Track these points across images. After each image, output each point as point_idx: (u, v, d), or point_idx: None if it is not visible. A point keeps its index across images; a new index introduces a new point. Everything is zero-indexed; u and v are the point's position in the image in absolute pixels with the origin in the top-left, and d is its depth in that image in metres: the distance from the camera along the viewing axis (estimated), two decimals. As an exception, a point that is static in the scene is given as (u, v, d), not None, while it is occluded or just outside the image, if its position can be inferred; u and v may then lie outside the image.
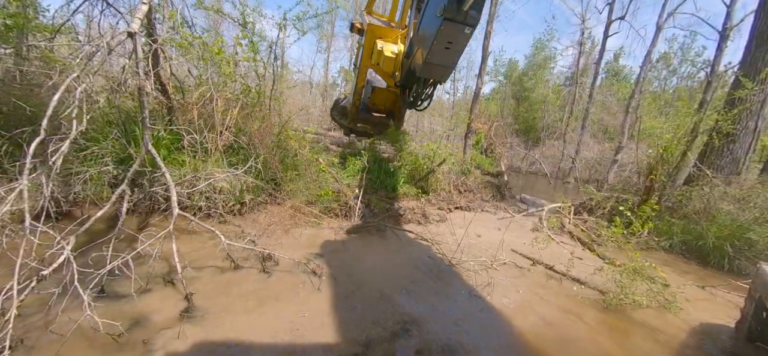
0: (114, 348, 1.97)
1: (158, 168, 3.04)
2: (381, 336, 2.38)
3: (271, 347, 2.14)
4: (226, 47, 5.74)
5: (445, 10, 3.82)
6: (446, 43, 4.22)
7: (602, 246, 5.02)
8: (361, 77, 6.96)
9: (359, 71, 7.00)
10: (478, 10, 3.93)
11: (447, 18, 3.87)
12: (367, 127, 7.36)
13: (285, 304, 2.61)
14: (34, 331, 2.02)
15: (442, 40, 4.17)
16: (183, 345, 2.05)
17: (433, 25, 4.15)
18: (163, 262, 2.98)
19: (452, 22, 3.91)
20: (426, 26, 4.52)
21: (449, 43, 4.24)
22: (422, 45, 4.62)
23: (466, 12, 3.85)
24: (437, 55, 4.42)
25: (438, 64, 4.60)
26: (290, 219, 4.49)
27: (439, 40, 4.15)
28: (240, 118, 4.96)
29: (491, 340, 2.49)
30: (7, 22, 4.46)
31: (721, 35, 12.27)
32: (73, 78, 2.17)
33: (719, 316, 3.30)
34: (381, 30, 6.56)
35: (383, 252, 3.96)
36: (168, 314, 2.32)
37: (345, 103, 8.51)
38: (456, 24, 3.95)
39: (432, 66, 4.63)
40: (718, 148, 5.94)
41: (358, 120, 7.44)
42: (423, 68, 4.70)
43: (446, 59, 4.56)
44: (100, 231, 3.32)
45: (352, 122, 7.64)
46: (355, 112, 7.31)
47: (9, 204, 1.88)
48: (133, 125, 4.26)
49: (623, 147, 14.31)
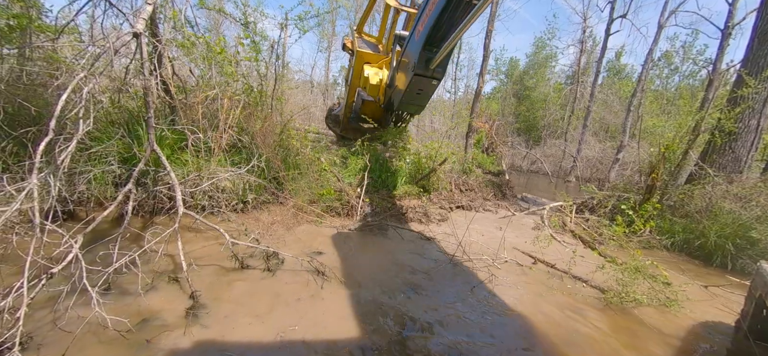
0: (122, 344, 2.00)
1: (162, 167, 3.06)
2: (384, 334, 2.40)
3: (275, 344, 2.16)
4: (228, 47, 5.77)
5: (415, 68, 4.58)
6: (417, 90, 5.05)
7: (604, 245, 5.03)
8: (350, 94, 7.80)
9: (349, 90, 7.83)
10: (443, 68, 4.68)
11: (417, 74, 4.64)
12: (357, 134, 7.87)
13: (289, 302, 2.64)
14: (43, 328, 2.05)
15: (413, 89, 5.00)
16: (189, 342, 2.08)
17: (408, 74, 4.90)
18: (168, 260, 3.01)
19: (421, 76, 4.67)
20: (402, 71, 5.31)
21: (420, 91, 5.07)
22: (400, 83, 5.44)
23: (432, 70, 4.62)
24: (410, 99, 5.33)
25: (411, 104, 5.57)
26: (292, 218, 4.52)
27: (411, 88, 4.97)
28: (242, 117, 4.99)
29: (496, 339, 2.52)
30: (11, 22, 4.49)
31: (723, 33, 12.24)
32: (80, 78, 2.20)
33: (720, 315, 3.32)
34: (369, 56, 7.35)
35: (385, 251, 3.98)
36: (174, 311, 2.35)
37: (337, 111, 9.46)
38: (424, 78, 4.71)
39: (406, 105, 5.61)
40: (720, 146, 5.94)
41: (349, 129, 8.45)
42: (399, 105, 5.63)
43: (417, 101, 5.52)
44: (105, 230, 3.35)
45: (344, 130, 8.61)
46: (346, 122, 8.43)
47: (18, 203, 1.91)
48: (137, 125, 4.29)
49: (625, 146, 14.31)
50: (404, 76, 5.18)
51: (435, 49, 4.49)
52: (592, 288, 3.54)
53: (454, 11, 4.00)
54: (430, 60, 4.54)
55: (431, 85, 4.99)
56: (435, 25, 4.20)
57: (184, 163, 4.24)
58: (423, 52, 4.51)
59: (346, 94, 8.61)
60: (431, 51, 4.53)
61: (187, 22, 4.80)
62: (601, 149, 16.70)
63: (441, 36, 4.37)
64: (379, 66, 7.16)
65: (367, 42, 7.97)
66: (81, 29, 5.03)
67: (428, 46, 4.48)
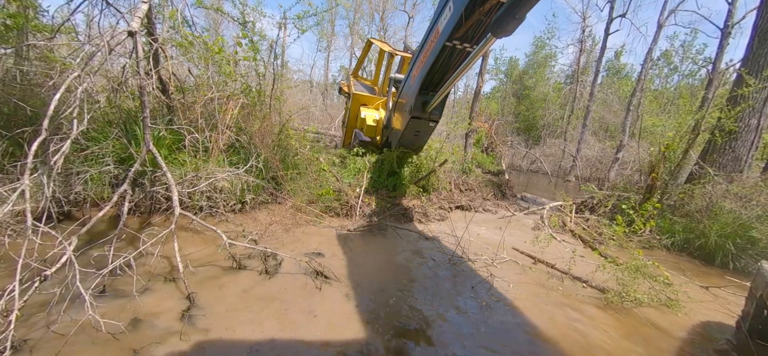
0: (116, 347, 1.97)
1: (159, 167, 3.03)
2: (382, 335, 2.38)
3: (271, 346, 2.14)
4: (227, 46, 5.74)
5: (412, 110, 4.63)
6: (415, 132, 5.18)
7: (604, 245, 5.01)
8: (347, 135, 8.09)
9: (346, 130, 8.09)
10: (440, 110, 4.75)
11: (414, 116, 4.71)
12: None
13: (286, 304, 2.61)
14: (37, 331, 2.02)
15: (411, 130, 5.12)
16: (185, 344, 2.05)
17: (405, 116, 4.97)
18: (165, 261, 2.98)
19: (418, 119, 4.77)
20: (399, 112, 5.37)
21: (417, 132, 5.20)
22: (397, 124, 5.58)
23: (429, 113, 4.68)
24: (407, 140, 5.53)
25: (409, 145, 5.78)
26: (291, 219, 4.49)
27: (409, 130, 5.09)
28: (240, 117, 4.96)
29: (496, 339, 2.49)
30: (7, 22, 4.45)
31: (723, 32, 12.23)
32: (74, 77, 2.17)
33: (721, 314, 3.30)
34: (365, 98, 7.56)
35: (384, 251, 3.95)
36: (170, 313, 2.32)
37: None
38: (421, 120, 4.80)
39: (404, 145, 5.84)
40: (720, 145, 5.92)
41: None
42: (397, 145, 5.87)
43: (415, 142, 5.70)
44: (102, 231, 3.32)
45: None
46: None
47: (11, 204, 1.87)
48: (134, 125, 4.25)
49: (624, 145, 14.30)
50: (401, 117, 5.24)
51: (431, 92, 4.52)
52: (592, 289, 3.51)
53: (449, 57, 4.06)
54: (427, 103, 4.56)
55: (428, 127, 5.06)
56: (430, 71, 4.25)
57: (182, 163, 4.20)
58: (419, 96, 4.55)
59: (342, 134, 8.90)
60: (427, 94, 4.56)
61: (184, 22, 4.77)
62: (601, 148, 16.69)
63: (436, 81, 4.42)
64: (375, 107, 7.40)
65: (363, 85, 8.31)
66: (78, 29, 5.00)
67: (424, 90, 4.52)
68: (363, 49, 8.44)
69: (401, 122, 5.23)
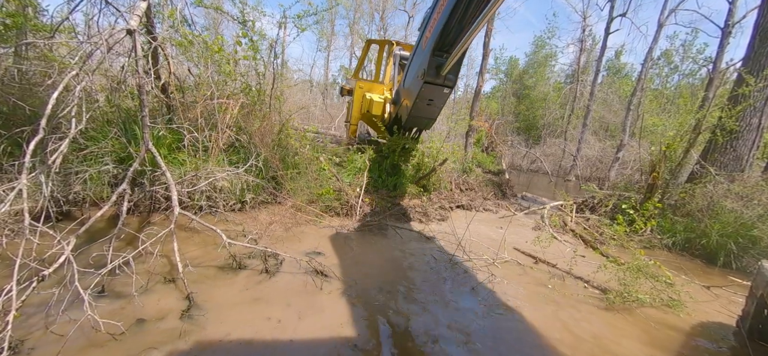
0: (115, 347, 1.96)
1: (158, 167, 3.02)
2: (383, 335, 2.36)
3: (272, 345, 2.12)
4: (226, 45, 5.72)
5: (425, 75, 4.30)
6: (427, 100, 4.78)
7: (605, 245, 5.00)
8: (352, 128, 8.01)
9: (351, 122, 7.98)
10: (455, 74, 4.44)
11: (427, 81, 4.37)
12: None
13: (287, 303, 2.60)
14: (35, 332, 2.00)
15: (424, 99, 4.73)
16: (184, 344, 2.04)
17: (416, 85, 4.64)
18: (164, 261, 2.97)
19: (432, 84, 4.42)
20: (409, 83, 5.05)
21: (430, 101, 4.81)
22: (407, 98, 5.18)
23: (444, 76, 4.34)
24: (420, 110, 5.03)
25: (421, 116, 5.27)
26: (291, 218, 4.48)
27: (421, 98, 4.71)
28: (240, 116, 4.94)
29: (497, 339, 2.48)
30: (6, 21, 4.44)
31: (724, 32, 12.22)
32: (71, 76, 2.16)
33: (721, 314, 3.29)
34: (369, 85, 7.56)
35: (385, 251, 3.94)
36: (170, 313, 2.31)
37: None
38: (435, 86, 4.46)
39: (416, 118, 5.31)
40: (721, 145, 5.90)
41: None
42: (408, 120, 5.36)
43: (428, 113, 5.19)
44: (100, 231, 3.31)
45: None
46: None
47: (8, 203, 1.86)
48: (133, 124, 4.24)
49: (625, 144, 14.28)
50: (412, 88, 4.92)
51: (445, 54, 4.22)
52: (593, 289, 3.50)
53: (465, 10, 3.76)
54: (441, 66, 4.25)
55: (442, 94, 4.74)
56: (444, 28, 3.95)
57: (182, 162, 4.19)
58: (433, 58, 4.24)
59: (346, 129, 8.82)
60: (442, 56, 4.25)
61: (184, 21, 4.75)
62: (601, 148, 16.67)
63: (451, 40, 4.12)
64: (380, 92, 7.33)
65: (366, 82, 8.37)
66: (78, 28, 4.98)
67: (438, 52, 4.22)
68: (362, 51, 8.45)
69: (412, 93, 4.89)
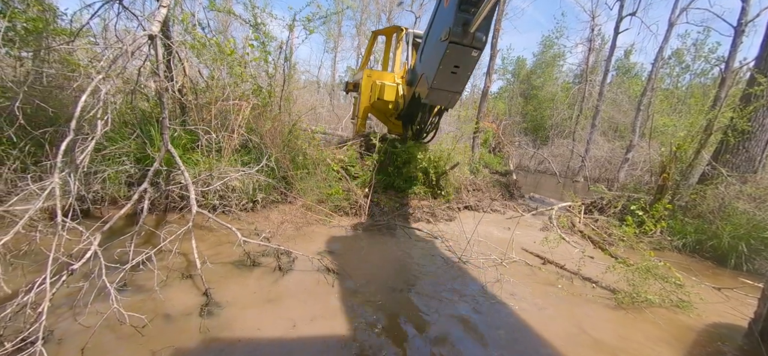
0: (138, 339, 2.05)
1: (175, 167, 3.12)
2: (394, 331, 2.42)
3: (286, 340, 2.20)
4: (237, 48, 5.84)
5: (451, 34, 3.73)
6: (452, 67, 4.08)
7: (614, 246, 4.99)
8: (360, 122, 7.26)
9: (360, 115, 7.17)
10: (484, 33, 3.85)
11: (452, 41, 3.77)
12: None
13: (300, 300, 2.67)
14: (63, 323, 2.11)
15: (448, 64, 4.02)
16: (204, 337, 2.12)
17: (439, 50, 4.03)
18: (181, 258, 3.07)
19: (458, 45, 3.82)
20: (430, 53, 4.43)
21: (456, 67, 4.10)
22: (427, 70, 4.47)
23: (472, 34, 3.74)
24: (443, 81, 4.24)
25: (445, 89, 4.42)
26: (301, 217, 4.56)
27: (446, 64, 4.01)
28: (251, 117, 5.05)
29: (506, 340, 2.52)
30: (27, 26, 4.61)
31: (736, 30, 12.00)
32: (98, 80, 2.26)
33: (732, 316, 3.27)
34: (378, 73, 6.75)
35: (394, 250, 4.00)
36: (188, 308, 2.40)
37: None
38: (462, 47, 3.86)
39: (438, 92, 4.44)
40: (733, 145, 5.83)
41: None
42: (429, 94, 4.50)
43: (453, 84, 4.37)
44: (118, 229, 3.42)
45: None
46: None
47: (41, 201, 1.97)
48: (148, 125, 4.37)
49: (634, 145, 14.11)
50: (433, 56, 4.29)
51: (473, 9, 3.66)
52: (602, 289, 3.51)
53: None
54: (468, 23, 3.66)
55: (470, 58, 4.00)
56: None
57: (195, 162, 4.30)
58: (458, 14, 3.66)
59: (353, 127, 8.13)
60: (468, 12, 3.67)
61: (198, 24, 4.88)
62: (610, 149, 16.49)
63: None
64: (391, 79, 6.54)
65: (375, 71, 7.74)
66: (94, 31, 5.14)
67: (464, 6, 3.66)
68: (368, 43, 7.95)
69: (432, 63, 4.25)
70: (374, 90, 6.28)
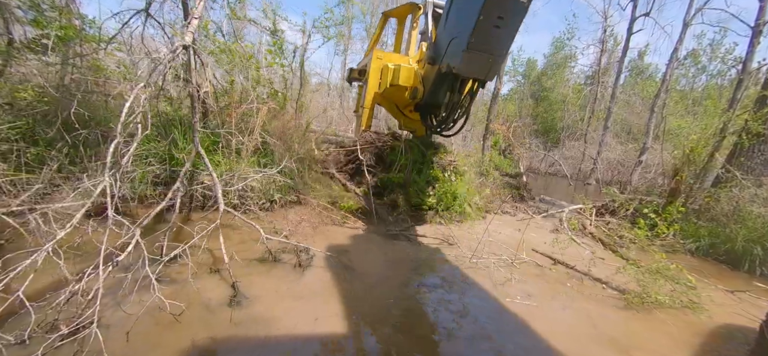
0: (176, 326, 2.22)
1: (203, 167, 3.31)
2: (408, 327, 2.55)
3: (308, 334, 2.35)
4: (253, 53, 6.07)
5: None
6: (496, 17, 3.10)
7: (625, 248, 5.01)
8: (366, 117, 6.26)
9: (365, 107, 6.08)
10: None
11: None
12: None
13: (320, 295, 2.83)
14: (107, 311, 2.30)
15: (490, 14, 3.06)
16: (235, 327, 2.29)
17: (476, 3, 3.12)
18: (207, 254, 3.25)
19: None
20: (462, 7, 3.48)
21: (500, 18, 3.12)
22: (460, 30, 3.47)
23: None
24: (483, 38, 3.23)
25: (485, 50, 3.34)
26: (317, 217, 4.73)
27: (487, 13, 3.04)
28: (268, 120, 5.26)
29: (517, 339, 2.62)
30: (59, 34, 4.90)
31: (754, 31, 11.77)
32: (140, 88, 2.47)
33: (744, 318, 3.30)
34: (388, 55, 5.71)
35: (406, 250, 4.13)
36: (218, 299, 2.57)
37: None
38: None
39: (476, 54, 3.35)
40: (748, 148, 5.79)
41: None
42: (464, 59, 3.37)
43: (496, 43, 3.35)
44: (150, 227, 3.64)
45: None
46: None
47: (93, 198, 2.17)
48: (173, 127, 4.60)
49: (648, 147, 13.94)
50: (468, 14, 3.30)
51: None
52: (612, 290, 3.58)
53: None
54: None
55: (520, 6, 3.07)
56: None
57: (217, 164, 4.51)
58: None
59: (356, 121, 6.96)
60: None
61: (219, 31, 5.11)
62: (623, 151, 16.30)
63: None
64: (407, 62, 5.51)
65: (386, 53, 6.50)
66: (120, 38, 5.43)
67: None
68: (378, 26, 6.93)
69: (467, 19, 3.27)
70: (386, 75, 5.21)
